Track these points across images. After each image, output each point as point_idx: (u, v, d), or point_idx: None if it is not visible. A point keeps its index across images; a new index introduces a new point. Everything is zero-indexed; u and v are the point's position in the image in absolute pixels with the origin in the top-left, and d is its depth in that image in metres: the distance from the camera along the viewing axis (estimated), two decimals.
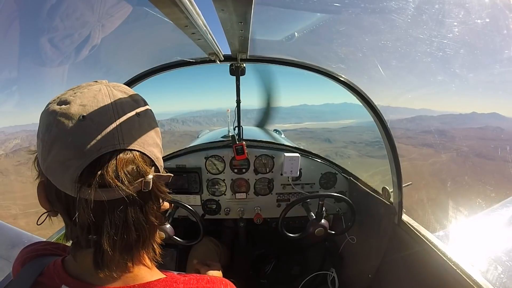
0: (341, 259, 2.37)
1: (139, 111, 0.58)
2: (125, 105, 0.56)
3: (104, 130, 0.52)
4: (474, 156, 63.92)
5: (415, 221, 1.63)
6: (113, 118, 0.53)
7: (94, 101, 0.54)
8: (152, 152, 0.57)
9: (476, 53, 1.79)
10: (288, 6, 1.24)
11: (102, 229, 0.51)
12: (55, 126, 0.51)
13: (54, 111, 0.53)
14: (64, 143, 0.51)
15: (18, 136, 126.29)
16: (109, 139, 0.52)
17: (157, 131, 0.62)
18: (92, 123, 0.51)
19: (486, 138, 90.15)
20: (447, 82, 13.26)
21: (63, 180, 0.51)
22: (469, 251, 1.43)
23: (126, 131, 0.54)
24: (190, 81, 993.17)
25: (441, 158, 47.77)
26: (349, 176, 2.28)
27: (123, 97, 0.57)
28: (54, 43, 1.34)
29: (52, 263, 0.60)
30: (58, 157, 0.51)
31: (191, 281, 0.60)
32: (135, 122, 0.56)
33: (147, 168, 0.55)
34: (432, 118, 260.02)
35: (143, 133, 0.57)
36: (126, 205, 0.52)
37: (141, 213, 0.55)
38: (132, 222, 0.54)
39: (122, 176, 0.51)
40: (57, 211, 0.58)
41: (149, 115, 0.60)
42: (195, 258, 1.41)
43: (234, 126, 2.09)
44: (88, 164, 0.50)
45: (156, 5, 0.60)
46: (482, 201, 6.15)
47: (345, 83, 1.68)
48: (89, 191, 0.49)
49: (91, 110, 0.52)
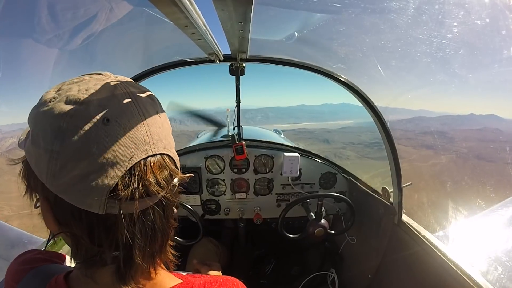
0: (341, 260, 2.37)
1: (158, 109, 0.52)
2: (146, 104, 0.50)
3: (134, 134, 0.45)
4: (474, 158, 64.04)
5: (415, 221, 1.63)
6: (140, 120, 0.47)
7: (114, 99, 0.46)
8: (174, 154, 0.54)
9: (476, 53, 1.79)
10: (288, 6, 1.24)
11: (134, 242, 0.46)
12: (71, 132, 0.41)
13: (65, 113, 0.42)
14: (86, 153, 0.42)
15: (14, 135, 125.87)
16: (141, 145, 0.46)
17: (172, 130, 0.58)
18: (119, 127, 0.44)
19: (485, 139, 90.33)
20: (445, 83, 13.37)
21: (86, 198, 0.42)
22: (469, 251, 1.43)
23: (155, 134, 0.48)
24: (189, 81, 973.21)
25: (441, 160, 47.85)
26: (349, 176, 2.28)
27: (141, 94, 0.50)
28: (53, 42, 1.34)
29: (53, 280, 0.54)
30: (78, 171, 0.42)
31: (205, 285, 0.57)
32: (159, 123, 0.50)
33: (176, 170, 0.53)
34: (430, 119, 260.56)
35: (166, 133, 0.52)
36: (154, 212, 0.48)
37: (164, 218, 0.52)
38: (159, 229, 0.50)
39: (163, 183, 0.48)
40: (70, 232, 0.48)
41: (165, 115, 0.55)
42: (195, 259, 1.41)
43: (233, 126, 2.09)
44: (121, 175, 0.43)
45: (156, 5, 0.59)
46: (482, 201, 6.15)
47: (345, 83, 1.68)
48: (130, 204, 0.44)
49: (115, 111, 0.44)
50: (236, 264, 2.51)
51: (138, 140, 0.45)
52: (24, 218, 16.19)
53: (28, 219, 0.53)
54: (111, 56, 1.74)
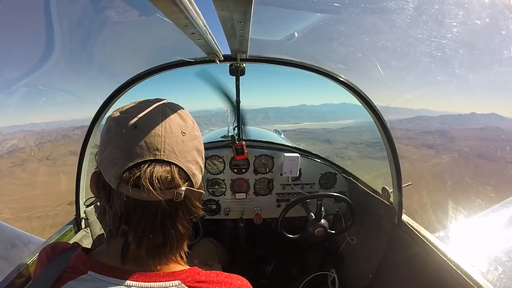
0: (341, 260, 2.37)
1: (185, 131, 0.66)
2: (174, 123, 0.64)
3: (150, 140, 0.60)
4: (476, 157, 63.78)
5: (415, 221, 1.62)
6: (159, 132, 0.61)
7: (148, 115, 0.63)
8: (189, 168, 0.63)
9: (476, 53, 1.79)
10: (288, 6, 1.24)
11: (131, 222, 0.59)
12: (113, 130, 0.62)
13: (116, 118, 0.64)
14: (116, 144, 0.60)
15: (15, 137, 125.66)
16: (152, 149, 0.59)
17: (200, 151, 0.69)
18: (141, 133, 0.60)
19: (486, 138, 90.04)
20: (446, 82, 13.38)
21: (110, 174, 0.59)
22: (469, 251, 1.43)
23: (169, 145, 0.61)
24: (189, 81, 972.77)
25: (442, 159, 47.69)
26: (348, 176, 2.28)
27: (174, 116, 0.66)
28: (52, 41, 1.34)
29: (74, 257, 0.66)
30: (110, 154, 0.60)
31: (211, 274, 0.66)
32: (179, 139, 0.63)
33: (181, 181, 0.61)
34: (431, 119, 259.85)
35: (185, 150, 0.63)
36: (157, 208, 0.59)
37: (169, 219, 0.61)
38: (159, 225, 0.60)
39: (155, 182, 0.57)
40: (101, 198, 0.66)
41: (194, 136, 0.68)
42: (195, 259, 1.41)
43: (233, 126, 2.09)
44: (130, 165, 0.58)
45: (156, 5, 0.60)
46: (483, 202, 6.15)
47: (345, 83, 1.68)
48: (126, 187, 0.57)
49: (143, 122, 0.62)
50: (236, 264, 2.51)
51: (151, 146, 0.60)
52: (23, 221, 16.26)
53: (27, 222, 0.53)
54: (111, 56, 1.74)
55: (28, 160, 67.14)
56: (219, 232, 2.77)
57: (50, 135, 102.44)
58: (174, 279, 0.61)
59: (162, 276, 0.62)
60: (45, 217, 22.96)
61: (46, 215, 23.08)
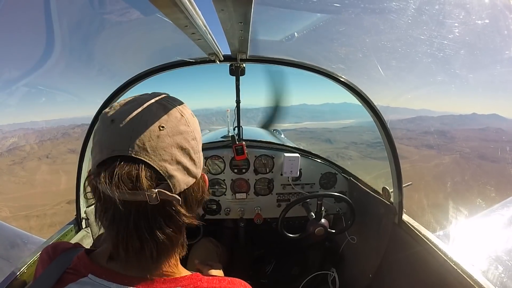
0: (342, 259, 2.36)
1: (164, 124, 0.58)
2: (151, 115, 0.58)
3: (121, 135, 0.56)
4: (477, 158, 63.62)
5: (415, 221, 1.62)
6: (132, 125, 0.56)
7: (127, 108, 0.59)
8: (163, 168, 0.56)
9: (476, 53, 1.79)
10: (288, 6, 1.24)
11: (107, 222, 0.57)
12: (97, 125, 0.61)
13: (101, 113, 0.62)
14: (96, 139, 0.60)
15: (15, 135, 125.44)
16: (122, 144, 0.55)
17: (186, 150, 0.60)
18: (116, 127, 0.57)
19: (487, 139, 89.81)
20: (446, 83, 13.17)
21: (91, 167, 0.60)
22: (469, 250, 1.42)
23: (140, 141, 0.55)
24: (189, 81, 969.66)
25: (443, 160, 47.60)
26: (349, 176, 2.28)
27: (156, 108, 0.60)
28: (52, 42, 1.35)
29: (76, 258, 0.65)
30: (93, 150, 0.60)
31: (214, 281, 0.63)
32: (154, 134, 0.56)
33: (148, 182, 0.54)
34: (432, 119, 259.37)
35: (160, 146, 0.56)
36: (130, 209, 0.54)
37: (145, 223, 0.56)
38: (133, 228, 0.55)
39: (116, 180, 0.53)
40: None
41: (178, 132, 0.59)
42: (196, 259, 1.41)
43: (234, 126, 2.09)
44: (101, 160, 0.56)
45: (156, 5, 0.60)
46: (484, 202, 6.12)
47: (345, 83, 1.68)
48: (99, 182, 0.54)
49: (120, 115, 0.58)
50: (237, 264, 2.51)
51: (122, 140, 0.56)
52: (21, 220, 16.25)
53: (25, 221, 0.53)
54: (111, 56, 1.74)
55: (28, 158, 67.01)
56: (219, 232, 2.77)
57: (50, 133, 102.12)
58: (175, 286, 0.60)
59: (163, 282, 0.60)
60: (43, 216, 22.94)
61: (44, 214, 23.06)
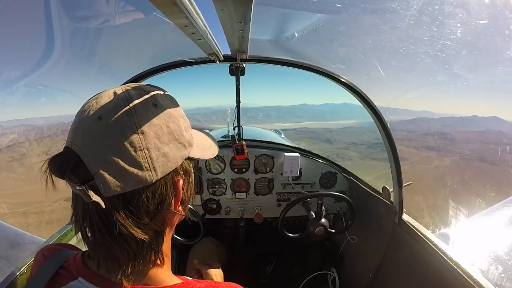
0: (342, 259, 2.37)
1: (101, 115, 0.51)
2: (95, 107, 0.53)
3: (73, 126, 0.54)
4: (477, 161, 63.58)
5: (415, 220, 1.63)
6: (79, 117, 0.54)
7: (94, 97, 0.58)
8: (92, 164, 0.48)
9: (476, 53, 1.79)
10: (288, 6, 1.24)
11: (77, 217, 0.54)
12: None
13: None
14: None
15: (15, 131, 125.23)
16: (69, 136, 0.53)
17: (117, 146, 0.50)
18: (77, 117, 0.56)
19: (488, 142, 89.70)
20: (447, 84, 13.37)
21: None
22: (469, 250, 1.42)
23: (78, 131, 0.52)
24: (189, 81, 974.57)
25: (444, 162, 47.61)
26: (349, 175, 2.28)
27: (103, 100, 0.54)
28: (52, 42, 1.35)
29: (72, 257, 0.63)
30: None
31: None
32: (89, 125, 0.51)
33: (73, 175, 0.49)
34: (433, 120, 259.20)
35: (93, 139, 0.50)
36: (94, 207, 0.50)
37: (104, 221, 0.51)
38: (103, 223, 0.51)
39: (54, 170, 0.50)
40: None
41: (117, 123, 0.51)
42: (195, 259, 1.41)
43: (234, 126, 2.10)
44: (61, 152, 0.53)
45: (156, 5, 0.60)
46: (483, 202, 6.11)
47: (345, 83, 1.68)
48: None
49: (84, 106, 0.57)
50: (237, 264, 2.51)
51: (70, 132, 0.54)
52: (19, 216, 16.15)
53: (23, 218, 0.52)
54: (111, 56, 1.75)
55: (27, 154, 66.91)
56: (219, 232, 2.78)
57: (50, 130, 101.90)
58: None
59: None
60: (41, 213, 22.87)
61: (42, 211, 23.00)
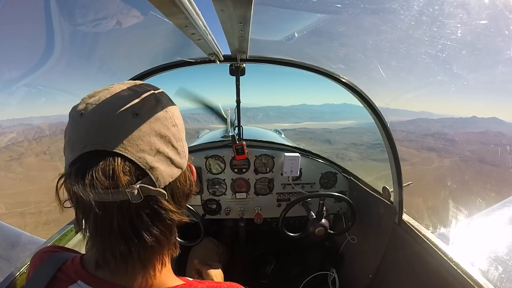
0: (342, 259, 2.37)
1: (138, 111, 0.51)
2: (123, 103, 0.51)
3: (92, 127, 0.49)
4: (477, 162, 63.61)
5: (415, 220, 1.63)
6: (103, 116, 0.50)
7: (97, 98, 0.52)
8: (143, 160, 0.49)
9: (476, 53, 1.79)
10: (288, 6, 1.24)
11: (90, 227, 0.52)
12: (68, 121, 0.54)
13: (72, 107, 0.55)
14: (66, 137, 0.53)
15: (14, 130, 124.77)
16: (93, 138, 0.48)
17: (166, 138, 0.54)
18: (86, 120, 0.50)
19: (487, 143, 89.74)
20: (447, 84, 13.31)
21: (65, 168, 0.52)
22: (469, 250, 1.42)
23: (114, 131, 0.49)
24: (189, 81, 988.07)
25: (444, 163, 47.66)
26: (349, 175, 2.28)
27: (127, 94, 0.53)
28: (52, 42, 1.35)
29: (70, 260, 0.60)
30: (64, 148, 0.53)
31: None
32: (128, 123, 0.50)
33: (126, 177, 0.48)
34: (432, 121, 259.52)
35: (137, 136, 0.50)
36: (112, 211, 0.49)
37: (130, 226, 0.49)
38: (118, 231, 0.49)
39: (89, 179, 0.46)
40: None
41: (155, 118, 0.53)
42: (196, 259, 1.41)
43: (234, 126, 2.09)
44: (73, 159, 0.49)
45: (156, 5, 0.60)
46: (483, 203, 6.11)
47: (345, 83, 1.68)
48: (73, 185, 0.49)
49: (91, 107, 0.51)
50: (237, 264, 2.51)
51: (93, 134, 0.49)
52: (16, 216, 16.10)
53: (21, 218, 0.51)
54: (111, 56, 1.75)
55: (26, 154, 66.39)
56: (219, 232, 2.78)
57: (49, 129, 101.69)
58: None
59: None
60: (38, 213, 22.76)
61: (39, 211, 22.90)
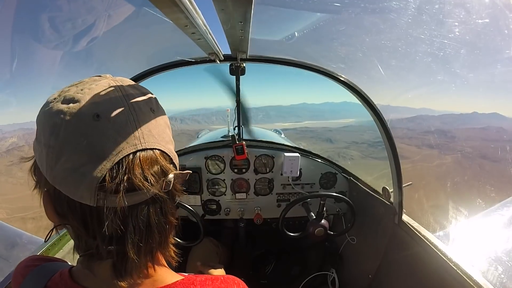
0: (341, 260, 2.37)
1: (153, 107, 0.54)
2: (139, 101, 0.52)
3: (123, 129, 0.47)
4: (479, 158, 63.53)
5: (415, 221, 1.62)
6: (130, 116, 0.49)
7: (107, 97, 0.49)
8: (170, 150, 0.54)
9: (476, 52, 1.79)
10: (288, 6, 1.24)
11: (126, 237, 0.47)
12: (64, 128, 0.45)
13: (60, 110, 0.46)
14: (77, 147, 0.45)
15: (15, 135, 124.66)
16: (129, 139, 0.47)
17: (169, 126, 0.59)
18: (109, 123, 0.46)
19: (488, 139, 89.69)
20: (447, 82, 13.08)
21: (78, 189, 0.45)
22: (469, 251, 1.42)
23: (146, 129, 0.50)
24: (189, 81, 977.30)
25: (445, 160, 47.63)
26: (349, 176, 2.28)
27: (135, 92, 0.53)
28: (52, 41, 1.35)
29: (58, 274, 0.56)
30: (70, 163, 0.45)
31: (207, 282, 0.59)
32: (151, 119, 0.52)
33: (169, 166, 0.52)
34: (433, 118, 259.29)
35: (160, 129, 0.54)
36: (148, 207, 0.49)
37: (161, 215, 0.52)
38: (156, 225, 0.51)
39: (150, 178, 0.48)
40: (68, 224, 0.51)
41: (161, 110, 0.57)
42: (196, 259, 1.42)
43: (234, 126, 2.09)
44: (109, 168, 0.45)
45: (156, 5, 0.60)
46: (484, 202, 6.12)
47: (345, 82, 1.68)
48: (116, 198, 0.45)
49: (105, 108, 0.47)
50: (237, 264, 2.51)
51: (127, 134, 0.47)
52: (18, 222, 16.09)
53: (22, 223, 0.51)
54: (111, 56, 1.74)
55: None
56: (219, 232, 2.78)
57: None
58: None
59: None
60: (39, 218, 22.85)
61: (40, 216, 22.97)
